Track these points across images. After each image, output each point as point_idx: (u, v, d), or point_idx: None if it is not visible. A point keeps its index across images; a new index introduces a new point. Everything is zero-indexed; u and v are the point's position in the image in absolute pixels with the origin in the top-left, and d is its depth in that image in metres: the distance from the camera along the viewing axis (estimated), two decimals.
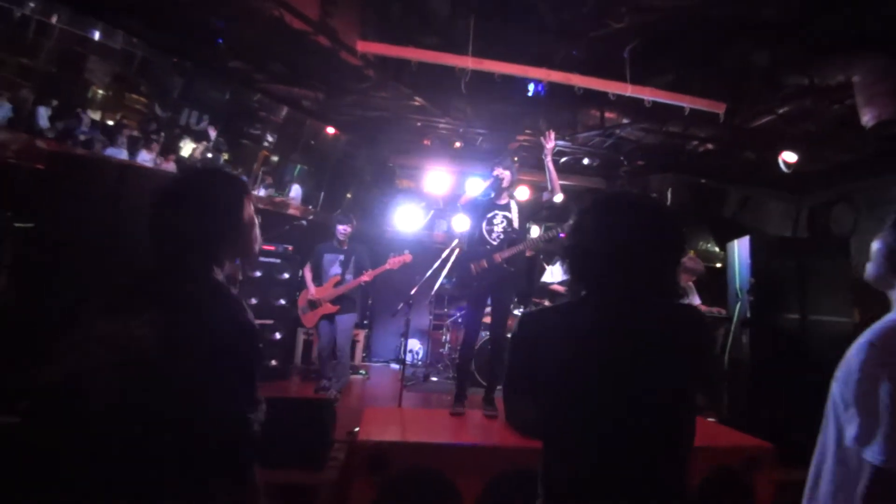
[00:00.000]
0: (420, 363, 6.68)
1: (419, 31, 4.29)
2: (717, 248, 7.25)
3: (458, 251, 3.75)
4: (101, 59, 7.44)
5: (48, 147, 5.17)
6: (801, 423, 3.17)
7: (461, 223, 5.87)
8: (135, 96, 8.01)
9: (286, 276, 5.18)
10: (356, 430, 2.47)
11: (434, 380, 5.76)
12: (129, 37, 6.44)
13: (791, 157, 5.08)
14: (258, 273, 5.02)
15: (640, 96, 4.26)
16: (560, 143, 5.78)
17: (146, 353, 0.92)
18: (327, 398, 3.87)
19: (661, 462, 1.00)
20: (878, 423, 0.94)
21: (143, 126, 7.68)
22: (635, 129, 5.48)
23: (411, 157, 6.95)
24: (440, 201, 7.37)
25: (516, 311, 5.41)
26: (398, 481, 2.11)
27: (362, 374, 5.84)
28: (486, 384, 3.22)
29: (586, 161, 6.58)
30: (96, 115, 7.50)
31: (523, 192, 5.90)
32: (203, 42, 4.72)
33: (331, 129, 6.92)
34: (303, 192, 8.12)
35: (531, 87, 5.11)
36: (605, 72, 4.24)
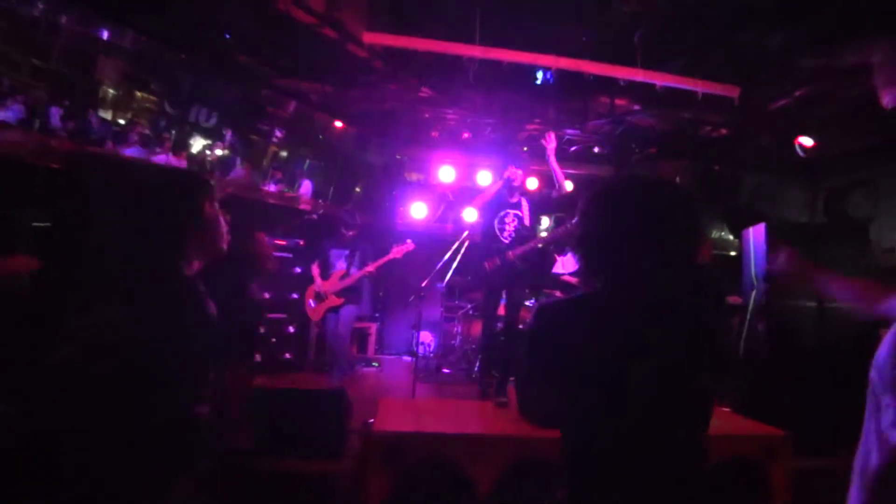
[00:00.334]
0: (432, 355, 6.72)
1: (426, 21, 4.26)
2: (731, 237, 7.13)
3: (467, 243, 3.83)
4: (111, 58, 7.49)
5: (62, 147, 5.24)
6: (817, 412, 3.15)
7: (471, 215, 5.87)
8: (144, 94, 8.06)
9: (298, 270, 5.22)
10: (371, 420, 2.50)
11: (446, 371, 5.79)
12: (137, 35, 6.48)
13: (808, 141, 4.96)
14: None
15: (651, 81, 4.19)
16: (569, 132, 5.72)
17: (116, 346, 1.00)
18: (339, 388, 3.91)
19: (683, 447, 1.00)
20: None
21: (154, 124, 7.74)
22: (647, 116, 5.39)
23: (420, 149, 6.93)
24: (449, 193, 7.35)
25: (528, 303, 5.40)
26: (414, 471, 2.14)
27: (375, 365, 5.90)
28: (497, 375, 3.27)
29: (597, 149, 6.51)
30: (107, 115, 7.57)
31: (533, 183, 5.87)
32: (211, 38, 4.73)
33: (339, 123, 6.91)
34: (313, 186, 8.14)
35: (539, 75, 5.06)
36: (615, 58, 4.17)
